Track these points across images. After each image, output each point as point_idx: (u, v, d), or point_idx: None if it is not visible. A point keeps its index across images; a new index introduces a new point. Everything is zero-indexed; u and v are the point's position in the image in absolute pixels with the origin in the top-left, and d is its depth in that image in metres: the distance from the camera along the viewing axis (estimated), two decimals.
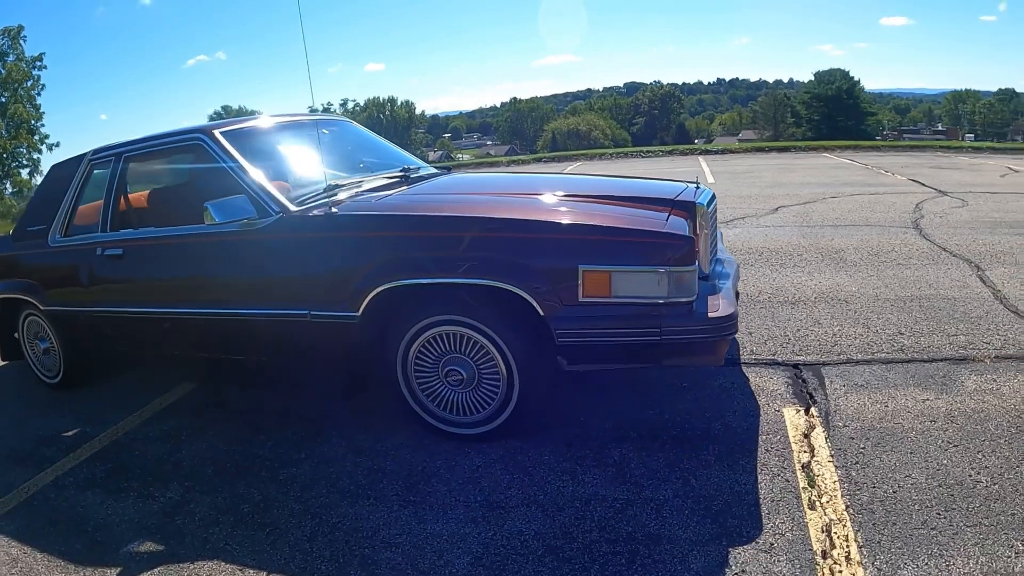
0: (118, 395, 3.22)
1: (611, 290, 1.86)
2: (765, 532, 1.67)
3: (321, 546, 1.79)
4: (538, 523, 1.76)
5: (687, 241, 1.89)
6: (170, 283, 2.68)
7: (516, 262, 1.92)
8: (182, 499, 2.15)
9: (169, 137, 2.87)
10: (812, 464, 1.98)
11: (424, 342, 2.11)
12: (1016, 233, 4.88)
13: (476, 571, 1.59)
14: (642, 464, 2.01)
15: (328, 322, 2.17)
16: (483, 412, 2.14)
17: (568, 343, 1.92)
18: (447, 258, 1.99)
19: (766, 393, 2.47)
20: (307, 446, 2.35)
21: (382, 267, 2.06)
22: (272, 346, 2.46)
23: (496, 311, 2.00)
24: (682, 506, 1.79)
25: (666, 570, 1.55)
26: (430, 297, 2.05)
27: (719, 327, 1.91)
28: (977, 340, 2.84)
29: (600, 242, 1.91)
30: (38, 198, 3.51)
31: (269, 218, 2.33)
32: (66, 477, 2.42)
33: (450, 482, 2.00)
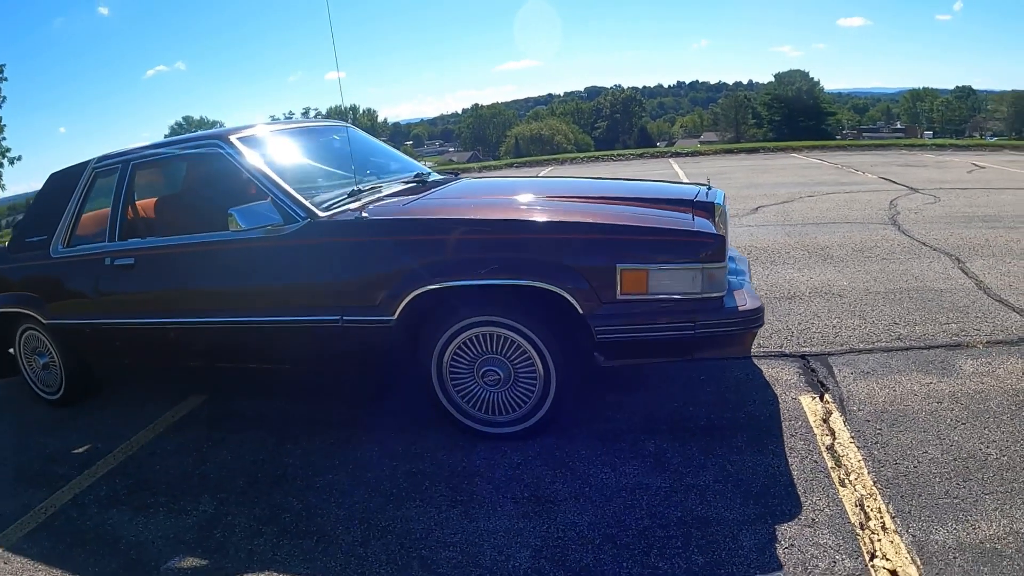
0: (124, 409, 3.22)
1: (648, 287, 2.00)
2: (805, 509, 1.83)
3: (376, 550, 1.85)
4: (589, 514, 1.87)
5: (718, 239, 2.06)
6: (187, 292, 2.70)
7: (556, 263, 2.04)
8: (217, 512, 2.18)
9: (181, 144, 2.91)
10: (835, 446, 2.16)
11: (460, 343, 2.21)
12: (989, 227, 5.29)
13: (539, 563, 1.69)
14: (678, 453, 2.16)
15: (362, 327, 2.24)
16: (519, 411, 2.25)
17: (606, 339, 2.05)
18: (487, 260, 2.09)
19: (781, 383, 2.66)
20: (338, 453, 2.41)
21: (420, 270, 2.14)
22: (301, 353, 2.51)
23: (534, 311, 2.12)
24: (723, 490, 1.94)
25: (720, 549, 1.69)
26: (467, 299, 2.15)
27: (748, 319, 2.08)
28: (968, 327, 3.11)
29: (637, 242, 2.06)
30: (37, 209, 3.48)
31: (295, 224, 2.38)
32: (85, 495, 2.42)
33: (493, 480, 2.09)
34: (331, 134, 3.24)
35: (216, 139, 2.71)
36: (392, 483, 2.16)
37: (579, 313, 2.03)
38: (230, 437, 2.71)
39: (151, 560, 1.98)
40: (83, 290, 3.00)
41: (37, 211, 3.44)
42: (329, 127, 3.38)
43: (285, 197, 2.44)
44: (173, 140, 3.02)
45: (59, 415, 3.26)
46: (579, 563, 1.67)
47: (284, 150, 2.86)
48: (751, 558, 1.65)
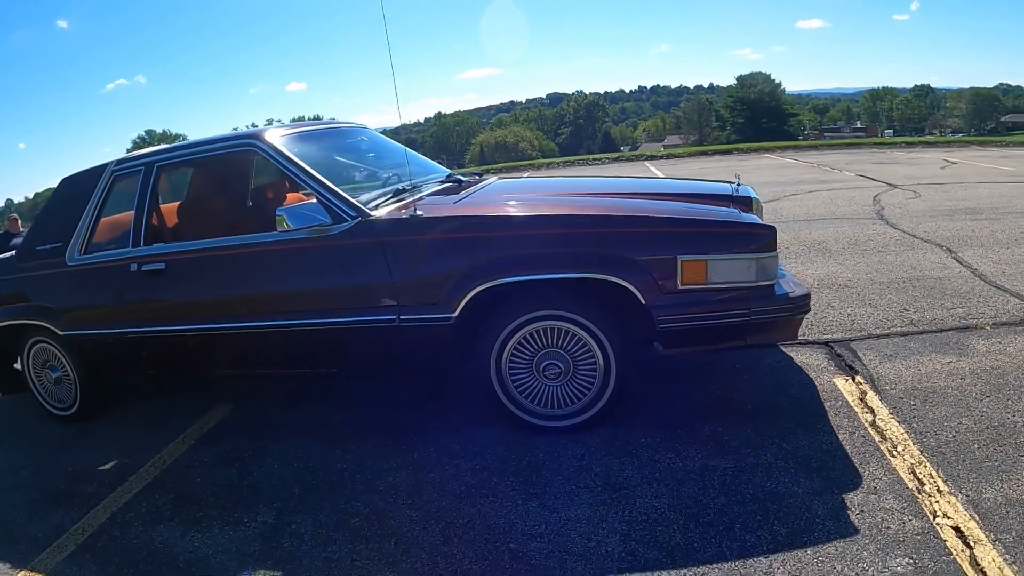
0: (145, 423, 3.22)
1: (707, 277, 2.18)
2: (865, 478, 2.03)
3: (460, 548, 1.92)
4: (666, 497, 2.02)
5: (770, 230, 2.26)
6: (226, 296, 2.72)
7: (620, 256, 2.19)
8: (278, 521, 2.21)
9: (211, 144, 2.93)
10: (877, 421, 2.38)
11: (521, 338, 2.33)
12: (972, 219, 5.71)
13: (630, 545, 1.82)
14: (734, 436, 2.33)
15: (421, 325, 2.33)
16: (577, 403, 2.39)
17: (668, 328, 2.21)
18: (551, 255, 2.22)
19: (812, 368, 2.88)
20: (393, 455, 2.49)
21: (482, 267, 2.25)
22: (352, 356, 2.57)
23: (595, 303, 2.26)
24: (785, 466, 2.12)
25: (798, 519, 1.86)
26: (529, 294, 2.27)
27: (798, 305, 2.29)
28: (973, 311, 3.41)
29: (698, 234, 2.24)
30: (49, 215, 3.44)
31: (344, 223, 2.45)
32: (124, 513, 2.42)
33: (562, 472, 2.21)
34: (356, 135, 3.33)
35: (251, 139, 2.76)
36: (459, 481, 2.25)
37: (641, 304, 2.19)
38: (271, 446, 2.75)
39: (222, 574, 2.00)
40: (105, 299, 2.97)
41: (49, 218, 3.39)
42: (350, 128, 3.46)
43: (333, 196, 2.50)
44: (199, 141, 3.04)
45: (74, 431, 3.24)
46: (669, 542, 1.81)
47: (317, 150, 2.92)
48: (828, 525, 1.83)
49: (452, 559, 1.88)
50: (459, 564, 1.86)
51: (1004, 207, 6.18)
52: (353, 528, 2.12)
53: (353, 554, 1.99)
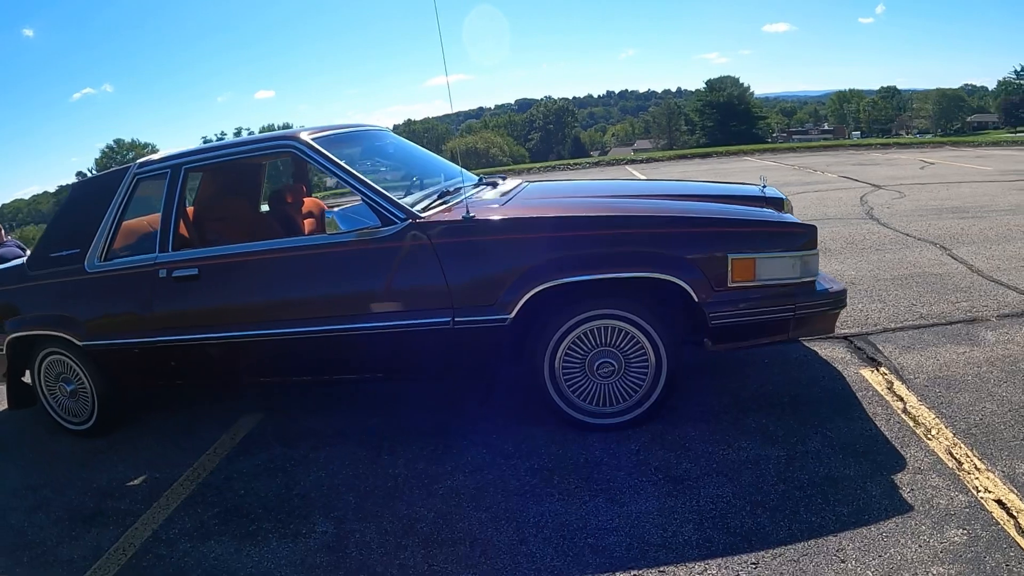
0: (169, 436, 3.23)
1: (755, 274, 2.35)
2: (909, 460, 2.22)
3: (538, 546, 2.01)
4: (728, 486, 2.17)
5: (812, 229, 2.45)
6: (268, 302, 2.74)
7: (674, 255, 2.35)
8: (339, 531, 2.24)
9: (245, 146, 2.97)
10: (908, 408, 2.58)
11: (574, 338, 2.45)
12: (960, 217, 6.08)
13: (705, 533, 1.95)
14: (779, 427, 2.51)
15: (476, 327, 2.43)
16: (628, 401, 2.53)
17: (719, 325, 2.38)
18: (609, 255, 2.36)
19: (838, 361, 3.09)
20: (445, 459, 2.57)
21: (540, 267, 2.37)
22: (403, 359, 2.63)
23: (648, 301, 2.41)
24: (833, 453, 2.30)
25: (856, 500, 2.03)
26: (583, 293, 2.40)
27: (837, 300, 2.49)
28: (976, 304, 3.67)
29: (746, 233, 2.42)
30: (63, 221, 3.40)
31: (394, 225, 2.53)
32: (167, 529, 2.42)
33: (621, 467, 2.34)
34: (382, 138, 3.39)
35: (289, 139, 2.81)
36: (520, 481, 2.35)
37: (694, 301, 2.35)
38: (313, 455, 2.79)
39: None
40: (131, 306, 2.96)
41: (64, 223, 3.36)
42: (375, 131, 3.52)
43: (381, 199, 2.57)
44: (231, 142, 3.07)
45: (91, 446, 3.23)
46: (742, 528, 1.96)
47: (352, 153, 2.98)
48: (884, 503, 2.00)
49: (533, 557, 1.96)
50: (541, 562, 1.94)
51: (988, 205, 6.58)
52: (422, 533, 2.17)
53: (428, 559, 2.03)
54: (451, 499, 2.33)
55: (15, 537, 2.52)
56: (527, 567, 1.93)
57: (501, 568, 1.94)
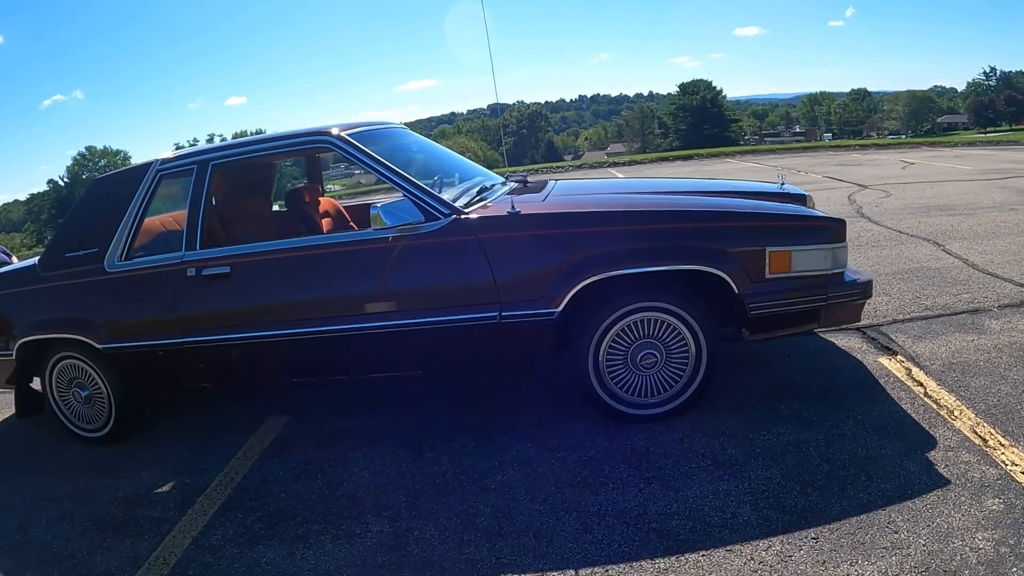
0: (189, 441, 3.24)
1: (791, 266, 2.51)
2: (939, 439, 2.40)
3: (604, 533, 2.09)
4: (776, 468, 2.31)
5: (841, 223, 2.63)
6: (305, 300, 2.76)
7: (716, 248, 2.49)
8: (396, 529, 2.28)
9: (276, 142, 3.01)
10: (929, 392, 2.77)
11: (619, 330, 2.57)
12: (948, 214, 6.40)
13: (762, 512, 2.08)
14: (813, 412, 2.67)
15: (523, 321, 2.53)
16: (669, 391, 2.66)
17: (757, 315, 2.53)
18: (654, 248, 2.49)
19: (855, 351, 3.27)
20: (491, 455, 2.66)
21: (587, 261, 2.48)
22: (446, 355, 2.69)
23: (689, 294, 2.55)
24: (868, 434, 2.47)
25: (897, 476, 2.19)
26: (628, 286, 2.53)
27: (865, 290, 2.68)
28: (977, 296, 3.91)
29: (782, 228, 2.58)
30: (79, 219, 3.36)
31: (437, 221, 2.61)
32: (208, 536, 2.41)
33: (669, 455, 2.47)
34: (404, 136, 3.43)
35: (324, 135, 2.86)
36: (571, 473, 2.45)
37: (735, 293, 2.50)
38: (350, 455, 2.84)
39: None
40: (157, 307, 2.95)
41: (80, 222, 3.32)
42: (397, 129, 3.56)
43: (423, 194, 2.65)
44: (261, 138, 3.08)
45: (108, 454, 3.21)
46: (795, 506, 2.10)
47: (384, 149, 2.99)
48: (923, 478, 2.17)
49: (600, 545, 2.04)
50: (609, 549, 2.02)
51: (973, 203, 6.93)
52: (482, 528, 2.22)
53: (495, 552, 2.09)
54: (505, 493, 2.40)
55: (40, 550, 2.49)
56: (595, 555, 2.01)
57: (570, 557, 2.01)
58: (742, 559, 1.89)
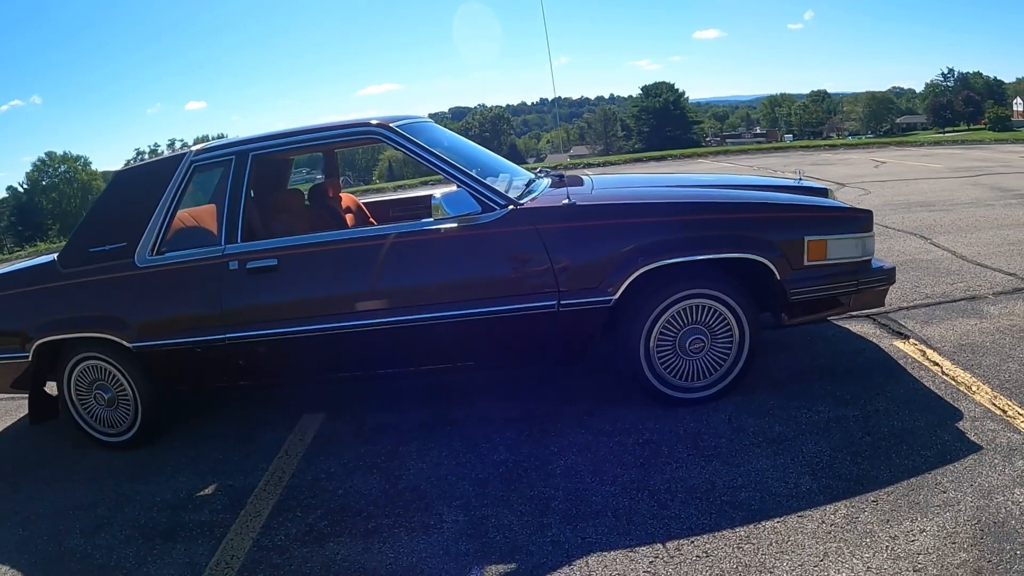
0: (220, 441, 3.24)
1: (826, 254, 2.75)
2: (964, 411, 2.66)
3: (680, 508, 2.23)
4: (824, 442, 2.53)
5: (869, 214, 2.89)
6: (358, 292, 2.81)
7: (761, 238, 2.71)
8: (471, 518, 2.34)
9: (321, 132, 3.08)
10: (946, 371, 3.04)
11: (669, 317, 2.75)
12: (928, 211, 6.83)
13: (822, 481, 2.29)
14: (845, 391, 2.91)
15: (581, 309, 2.68)
16: (714, 375, 2.86)
17: (797, 300, 2.76)
18: (705, 237, 2.69)
19: (870, 336, 3.55)
20: (547, 442, 2.80)
21: (643, 250, 2.64)
22: (502, 344, 2.81)
23: (735, 280, 2.76)
24: (899, 409, 2.72)
25: (934, 445, 2.44)
26: (679, 274, 2.71)
27: (889, 276, 2.95)
28: (971, 284, 4.26)
29: (818, 218, 2.83)
30: (104, 212, 3.30)
31: (494, 212, 2.73)
32: (269, 537, 2.42)
33: (722, 435, 2.66)
34: (437, 131, 3.52)
35: (376, 127, 2.94)
36: (631, 455, 2.61)
37: (776, 280, 2.72)
38: (403, 449, 2.90)
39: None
40: (195, 302, 2.95)
41: (105, 215, 3.26)
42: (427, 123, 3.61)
43: (479, 185, 2.77)
44: (302, 129, 3.12)
45: (132, 458, 3.19)
46: (853, 473, 2.32)
47: (428, 140, 3.05)
48: (958, 445, 2.42)
49: (680, 519, 2.18)
50: (688, 522, 2.16)
51: (950, 199, 7.41)
52: (559, 511, 2.32)
53: (578, 533, 2.19)
54: (572, 477, 2.51)
55: (81, 562, 2.44)
56: (678, 529, 2.14)
57: (654, 533, 2.14)
58: (814, 523, 2.09)
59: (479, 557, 2.15)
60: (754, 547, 2.01)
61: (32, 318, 3.16)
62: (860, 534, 2.01)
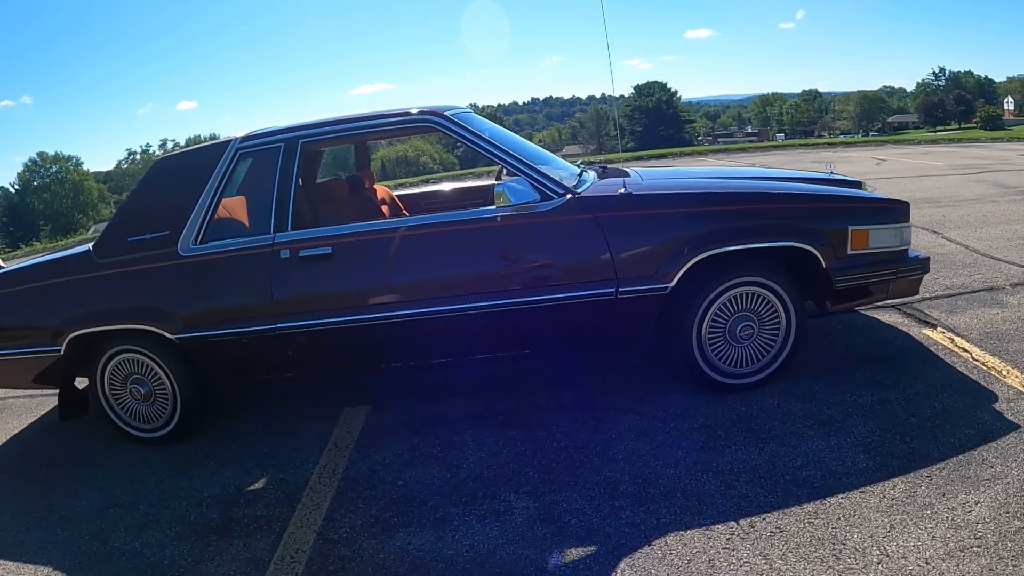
0: (261, 435, 3.24)
1: (868, 243, 2.89)
2: (999, 393, 2.81)
3: (747, 487, 2.33)
4: (871, 423, 2.67)
5: (907, 204, 3.03)
6: (415, 280, 2.85)
7: (809, 227, 2.84)
8: (541, 504, 2.40)
9: (374, 120, 3.09)
10: (976, 357, 3.19)
11: (720, 304, 2.87)
12: (935, 207, 7.01)
13: (875, 460, 2.43)
14: (884, 376, 3.05)
15: (639, 297, 2.78)
16: (761, 361, 3.00)
17: (841, 288, 2.90)
18: (757, 226, 2.81)
19: (899, 325, 3.70)
20: (604, 428, 2.90)
21: (700, 238, 2.75)
22: (561, 331, 2.89)
23: (783, 268, 2.89)
24: (938, 392, 2.87)
25: (975, 424, 2.59)
26: (732, 263, 2.82)
27: (924, 265, 3.10)
28: (988, 276, 4.42)
29: (860, 209, 2.97)
30: (143, 201, 3.25)
31: (553, 201, 2.80)
32: (333, 530, 2.42)
33: (773, 418, 2.79)
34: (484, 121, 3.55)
35: (432, 115, 2.98)
36: (690, 439, 2.72)
37: (823, 268, 2.85)
38: (458, 439, 2.94)
39: (528, 564, 2.11)
40: (245, 292, 2.93)
41: (145, 204, 3.21)
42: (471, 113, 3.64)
43: (538, 174, 2.84)
44: (354, 117, 3.14)
45: (170, 454, 3.16)
46: (902, 452, 2.46)
47: (483, 129, 3.10)
48: (996, 424, 2.57)
49: (747, 498, 2.28)
50: (757, 500, 2.26)
51: (955, 196, 7.61)
52: (629, 494, 2.39)
53: (652, 514, 2.26)
54: (635, 461, 2.59)
55: (132, 561, 2.40)
56: (747, 507, 2.24)
57: (724, 511, 2.23)
58: (875, 498, 2.22)
59: (557, 541, 2.20)
60: (824, 521, 2.14)
61: (65, 310, 3.08)
62: (920, 507, 2.15)
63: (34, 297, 3.17)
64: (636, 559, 2.07)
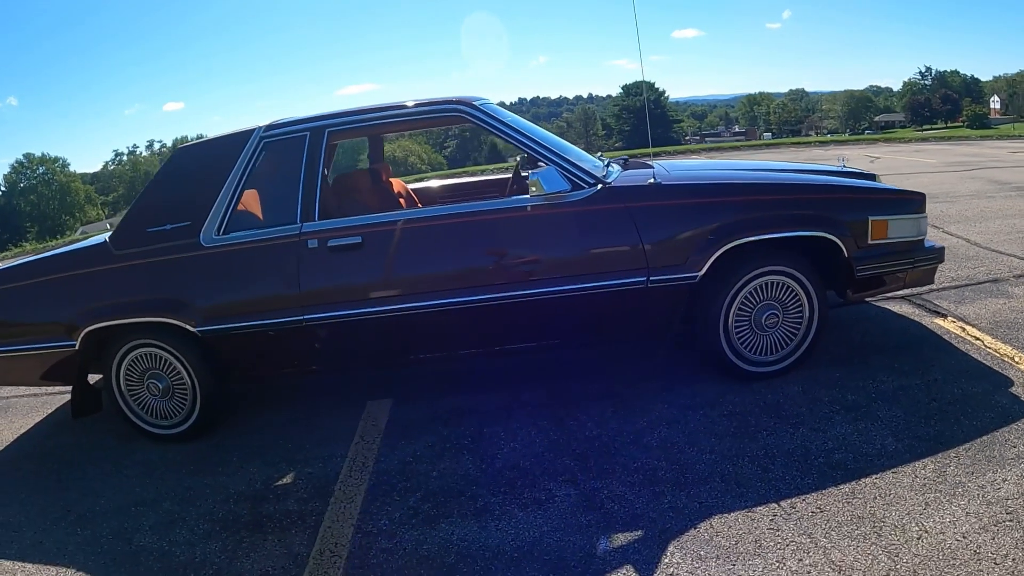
0: (282, 430, 3.23)
1: (887, 234, 2.99)
2: (1013, 378, 2.91)
3: (782, 471, 2.39)
4: (895, 408, 2.76)
5: (923, 196, 3.14)
6: (448, 270, 2.85)
7: (833, 217, 2.92)
8: (582, 491, 2.43)
9: (402, 109, 3.11)
10: (987, 345, 3.30)
11: (746, 293, 2.94)
12: (933, 202, 7.06)
13: (903, 443, 2.51)
14: (903, 364, 3.15)
15: (668, 285, 2.84)
16: (784, 349, 3.08)
17: (863, 277, 2.99)
18: (784, 216, 2.89)
19: (911, 315, 3.81)
20: (634, 418, 2.96)
21: (729, 228, 2.81)
22: (592, 319, 2.94)
23: (806, 257, 2.97)
24: (956, 379, 2.97)
25: (994, 407, 2.69)
26: (757, 252, 2.89)
27: (940, 255, 3.20)
28: (991, 268, 4.55)
29: (879, 200, 3.07)
30: (163, 191, 3.17)
31: (583, 190, 2.84)
32: (371, 523, 2.40)
33: (800, 405, 2.87)
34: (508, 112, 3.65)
35: (462, 104, 3.00)
36: (722, 426, 2.79)
37: (844, 257, 2.94)
38: (488, 430, 2.95)
39: (576, 551, 2.14)
40: (271, 283, 2.89)
41: (165, 194, 3.13)
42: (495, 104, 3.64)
43: (569, 164, 2.88)
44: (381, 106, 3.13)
45: (188, 451, 3.10)
46: (928, 434, 2.55)
47: (513, 120, 3.15)
48: (1013, 407, 2.68)
49: (784, 481, 2.35)
50: (792, 483, 2.33)
51: (951, 192, 7.78)
52: (667, 480, 2.44)
53: (693, 498, 2.31)
54: (670, 449, 2.64)
55: (161, 560, 2.34)
56: (784, 489, 2.31)
57: (764, 494, 2.30)
58: (908, 478, 2.32)
59: (603, 527, 2.24)
60: (862, 501, 2.23)
61: (80, 304, 2.99)
62: (951, 485, 2.24)
63: (45, 291, 3.07)
64: (684, 542, 2.13)
